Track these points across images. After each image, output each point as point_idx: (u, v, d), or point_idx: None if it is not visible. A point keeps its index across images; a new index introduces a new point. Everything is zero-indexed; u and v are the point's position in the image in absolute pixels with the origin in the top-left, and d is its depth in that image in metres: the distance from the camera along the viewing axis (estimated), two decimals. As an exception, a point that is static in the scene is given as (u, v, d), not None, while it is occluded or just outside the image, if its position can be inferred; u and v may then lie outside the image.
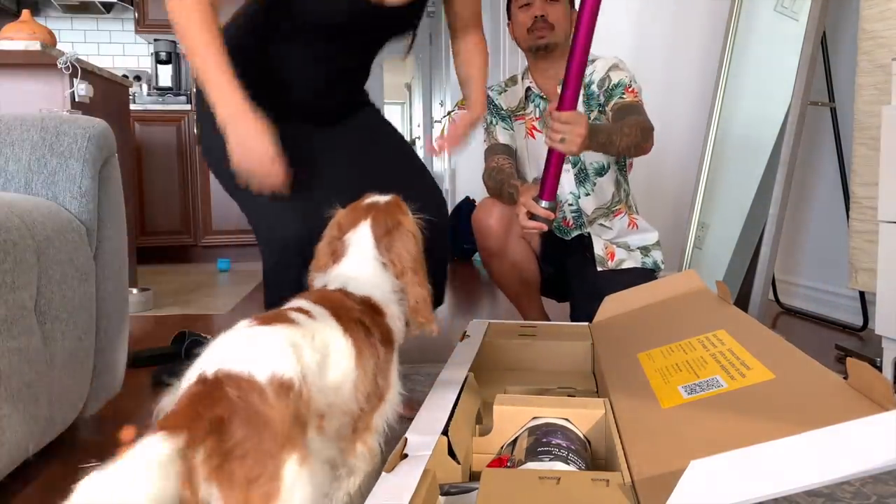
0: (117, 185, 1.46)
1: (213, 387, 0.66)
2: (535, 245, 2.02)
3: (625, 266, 1.96)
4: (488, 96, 2.09)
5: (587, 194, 2.00)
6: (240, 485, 0.63)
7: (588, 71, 1.95)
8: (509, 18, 2.04)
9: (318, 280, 1.06)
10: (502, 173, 1.92)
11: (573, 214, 2.03)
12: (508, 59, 4.73)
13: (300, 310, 0.87)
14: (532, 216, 1.69)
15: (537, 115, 2.02)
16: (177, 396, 0.69)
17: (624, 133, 1.74)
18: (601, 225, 2.02)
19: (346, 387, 0.86)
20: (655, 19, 3.07)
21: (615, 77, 1.89)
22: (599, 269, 1.95)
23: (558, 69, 1.99)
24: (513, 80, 2.11)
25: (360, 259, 1.06)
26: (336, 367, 0.84)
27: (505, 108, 2.06)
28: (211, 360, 0.70)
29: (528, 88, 2.03)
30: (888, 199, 1.62)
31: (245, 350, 0.73)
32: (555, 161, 1.67)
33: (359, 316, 0.94)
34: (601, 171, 1.98)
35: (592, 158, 1.96)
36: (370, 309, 0.99)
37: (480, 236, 1.97)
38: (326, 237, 1.10)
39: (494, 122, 2.06)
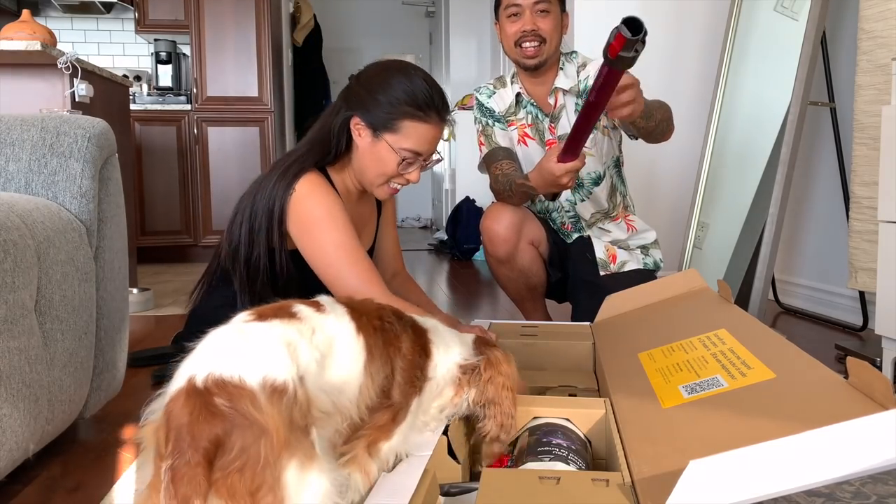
0: (117, 185, 1.46)
1: (205, 400, 0.64)
2: (544, 250, 1.99)
3: (627, 268, 1.96)
4: (477, 99, 2.06)
5: (582, 200, 1.99)
6: (242, 497, 0.62)
7: (582, 77, 1.92)
8: (497, 19, 1.94)
9: None
10: (508, 177, 1.88)
11: (571, 220, 2.03)
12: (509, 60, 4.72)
13: (311, 303, 0.83)
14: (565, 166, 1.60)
15: (529, 122, 1.99)
16: (168, 397, 0.67)
17: (656, 107, 1.73)
18: (600, 228, 2.02)
19: (349, 389, 0.80)
20: (655, 19, 3.06)
21: None
22: (602, 272, 1.94)
23: (547, 77, 1.96)
24: (501, 82, 2.04)
25: (457, 332, 1.03)
26: (340, 366, 0.79)
27: (496, 111, 2.01)
28: (202, 361, 0.68)
29: (519, 94, 1.98)
30: (888, 199, 1.62)
31: (236, 350, 0.70)
32: (582, 122, 1.49)
33: (383, 325, 0.88)
34: (597, 181, 1.97)
35: (590, 168, 1.93)
36: (415, 337, 0.93)
37: (490, 244, 1.92)
38: None
39: (490, 124, 2.01)
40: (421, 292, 1.73)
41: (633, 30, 1.24)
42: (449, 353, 0.97)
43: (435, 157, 1.46)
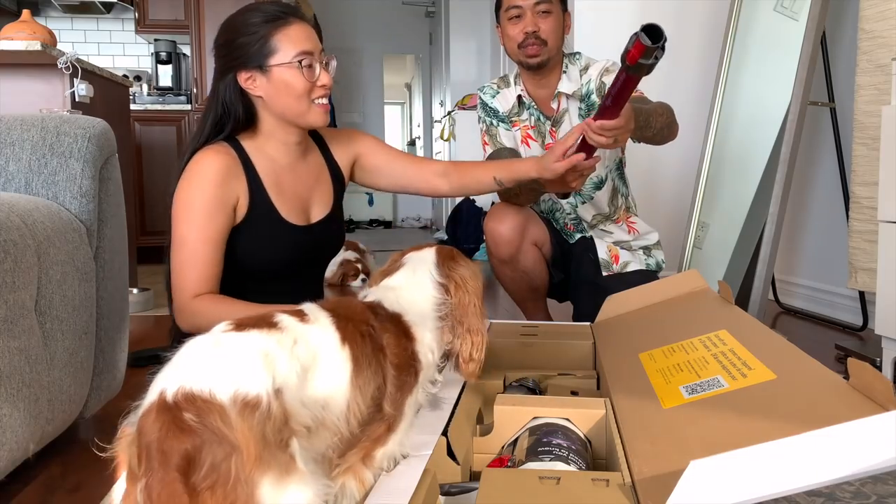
0: (117, 185, 1.46)
1: (174, 415, 0.63)
2: (547, 251, 1.99)
3: (629, 269, 1.95)
4: (481, 99, 2.05)
5: (583, 202, 1.99)
6: None
7: (584, 80, 1.92)
8: (498, 23, 1.94)
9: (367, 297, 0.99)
10: None
11: (573, 221, 2.03)
12: (510, 60, 4.73)
13: (295, 311, 0.80)
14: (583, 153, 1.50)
15: (532, 124, 1.98)
16: (141, 411, 0.66)
17: (658, 113, 1.70)
18: (602, 230, 2.01)
19: (335, 404, 0.77)
20: (655, 19, 3.06)
21: (609, 80, 1.85)
22: (605, 273, 1.94)
23: (550, 80, 1.95)
24: (504, 82, 2.03)
25: (414, 271, 1.00)
26: (324, 379, 0.76)
27: (501, 111, 2.01)
28: (174, 374, 0.66)
29: (520, 96, 1.97)
30: (888, 199, 1.62)
31: (209, 363, 0.67)
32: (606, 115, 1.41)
33: (370, 330, 0.85)
34: (599, 185, 1.96)
35: (592, 173, 1.92)
36: (395, 328, 0.90)
37: (493, 244, 1.91)
38: (386, 264, 1.05)
39: (495, 124, 2.00)
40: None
41: (652, 36, 1.23)
42: (425, 323, 0.96)
43: (328, 56, 1.41)
